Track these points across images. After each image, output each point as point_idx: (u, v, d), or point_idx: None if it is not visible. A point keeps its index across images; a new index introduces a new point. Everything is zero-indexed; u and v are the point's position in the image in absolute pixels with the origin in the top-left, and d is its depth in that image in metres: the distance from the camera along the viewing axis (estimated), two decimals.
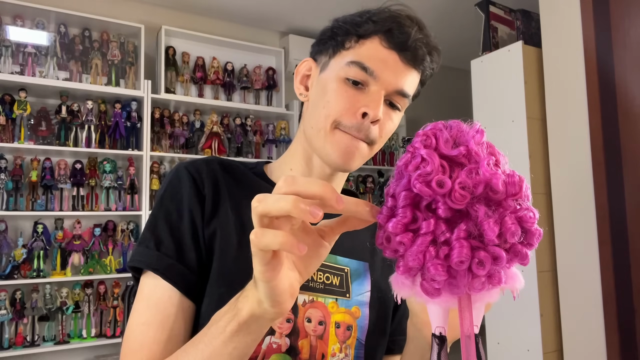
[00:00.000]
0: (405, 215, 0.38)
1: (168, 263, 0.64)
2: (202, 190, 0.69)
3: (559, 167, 2.35)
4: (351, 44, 0.69)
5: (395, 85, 0.68)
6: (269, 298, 0.44)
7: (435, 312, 0.42)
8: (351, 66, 0.67)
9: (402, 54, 0.68)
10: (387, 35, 0.67)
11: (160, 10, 3.39)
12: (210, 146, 3.30)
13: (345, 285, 0.73)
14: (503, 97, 2.53)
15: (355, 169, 0.71)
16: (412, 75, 0.70)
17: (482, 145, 0.39)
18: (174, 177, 0.71)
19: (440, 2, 3.42)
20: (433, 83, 0.77)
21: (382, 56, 0.67)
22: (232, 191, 0.71)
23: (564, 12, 2.35)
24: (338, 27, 0.72)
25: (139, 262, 0.66)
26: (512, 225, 0.37)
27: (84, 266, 2.85)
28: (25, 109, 2.76)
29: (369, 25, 0.68)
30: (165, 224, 0.67)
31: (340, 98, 0.67)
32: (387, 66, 0.67)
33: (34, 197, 2.78)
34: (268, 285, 0.43)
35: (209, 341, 0.51)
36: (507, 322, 2.44)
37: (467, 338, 0.40)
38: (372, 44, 0.68)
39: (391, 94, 0.69)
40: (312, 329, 0.69)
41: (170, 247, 0.65)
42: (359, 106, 0.66)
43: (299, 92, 0.77)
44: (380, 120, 0.68)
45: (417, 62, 0.69)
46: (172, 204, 0.68)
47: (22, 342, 2.64)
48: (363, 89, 0.68)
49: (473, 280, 0.38)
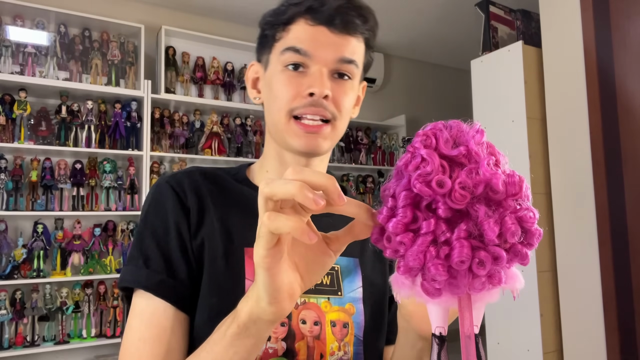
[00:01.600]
0: (405, 215, 0.38)
1: (158, 279, 0.64)
2: (186, 203, 0.69)
3: (559, 167, 2.35)
4: (281, 34, 0.70)
5: (334, 57, 0.68)
6: (266, 291, 0.44)
7: (435, 312, 0.42)
8: (285, 53, 0.68)
9: (330, 26, 0.67)
10: (310, 12, 0.67)
11: (160, 10, 3.39)
12: (210, 146, 3.30)
13: (337, 284, 0.73)
14: (503, 97, 2.53)
15: (326, 150, 0.72)
16: (349, 42, 0.69)
17: (482, 145, 0.39)
18: (157, 192, 0.70)
19: (440, 2, 3.42)
20: (433, 83, 0.77)
21: (311, 34, 0.67)
22: (216, 201, 0.71)
23: (564, 12, 2.35)
24: (265, 22, 0.72)
25: (129, 282, 0.65)
26: (512, 225, 0.37)
27: (84, 266, 2.85)
28: (25, 109, 2.76)
29: (290, 9, 0.69)
30: (152, 240, 0.66)
31: (284, 87, 0.68)
32: (319, 42, 0.67)
33: (34, 197, 2.78)
34: (268, 273, 0.43)
35: (211, 348, 0.51)
36: (507, 322, 2.44)
37: (467, 338, 0.40)
38: (298, 27, 0.68)
39: (335, 66, 0.68)
40: (308, 330, 0.68)
41: (159, 262, 0.65)
42: (304, 88, 0.67)
43: (253, 96, 0.78)
44: (331, 95, 0.67)
45: (348, 28, 0.68)
46: (157, 219, 0.68)
47: (22, 342, 2.64)
48: (305, 71, 0.68)
49: (473, 280, 0.38)
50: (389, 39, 4.10)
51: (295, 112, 0.68)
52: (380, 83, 4.22)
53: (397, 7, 3.48)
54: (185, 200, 0.69)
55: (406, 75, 4.55)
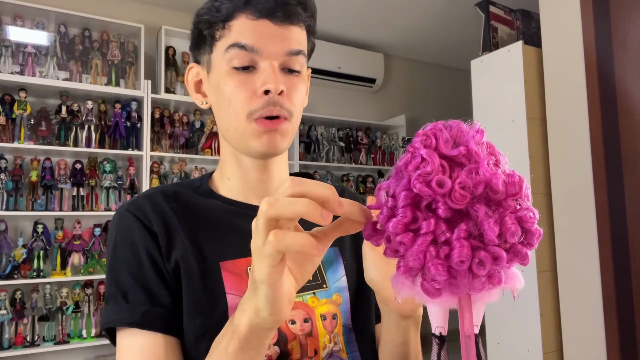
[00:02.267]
0: (405, 215, 0.38)
1: (142, 311, 0.61)
2: (152, 228, 0.66)
3: (559, 167, 2.35)
4: (221, 32, 0.67)
5: (282, 50, 0.65)
6: (269, 304, 0.44)
7: (435, 312, 0.42)
8: (230, 51, 0.65)
9: (272, 18, 0.65)
10: (250, 6, 0.65)
11: (160, 10, 3.39)
12: (210, 146, 3.30)
13: (320, 277, 0.72)
14: (503, 97, 2.53)
15: (285, 149, 0.70)
16: (293, 31, 0.67)
17: (482, 145, 0.39)
18: (120, 224, 0.68)
19: (440, 2, 3.42)
20: (433, 83, 0.77)
21: (254, 28, 0.65)
22: (182, 219, 0.69)
23: (564, 12, 2.35)
24: (200, 21, 0.69)
25: (112, 322, 0.62)
26: (512, 225, 0.37)
27: (84, 266, 2.85)
28: (25, 109, 2.76)
29: (225, 5, 0.66)
30: (126, 273, 0.64)
31: (236, 89, 0.66)
32: (264, 36, 0.65)
33: (34, 197, 2.78)
34: (272, 288, 0.43)
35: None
36: (507, 322, 2.44)
37: (467, 338, 0.40)
38: (240, 22, 0.65)
39: (283, 60, 0.66)
40: (299, 329, 0.68)
41: (139, 293, 0.63)
42: (258, 86, 0.64)
43: (199, 101, 0.75)
44: (285, 90, 0.65)
45: (291, 18, 0.66)
46: (127, 250, 0.66)
47: (22, 342, 2.64)
48: (255, 69, 0.66)
49: (473, 280, 0.38)
50: (389, 39, 4.10)
51: (255, 115, 0.65)
52: (380, 83, 4.22)
53: (397, 7, 3.48)
54: (150, 226, 0.67)
55: (406, 75, 4.55)
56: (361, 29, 3.88)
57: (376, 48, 4.24)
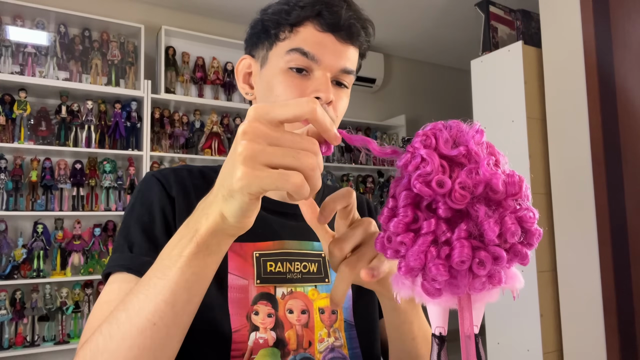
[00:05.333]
0: (406, 215, 0.38)
1: (143, 261, 0.61)
2: (171, 193, 0.69)
3: (559, 167, 2.35)
4: (285, 34, 0.70)
5: (338, 65, 0.69)
6: (242, 213, 0.42)
7: (435, 312, 0.42)
8: (291, 54, 0.68)
9: (337, 34, 0.69)
10: (319, 18, 0.68)
11: (160, 10, 3.39)
12: (210, 146, 3.30)
13: (324, 271, 0.74)
14: (503, 97, 2.53)
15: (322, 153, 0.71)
16: (351, 51, 0.71)
17: (482, 145, 0.39)
18: (143, 184, 0.71)
19: (440, 2, 3.42)
20: (433, 83, 0.77)
21: (319, 40, 0.68)
22: (201, 196, 0.69)
23: (564, 12, 2.35)
24: (268, 19, 0.72)
25: (112, 267, 0.63)
26: (512, 225, 0.37)
27: (84, 266, 2.85)
28: (25, 109, 2.76)
29: (298, 12, 0.69)
30: (137, 227, 0.66)
31: (288, 89, 0.68)
32: (326, 49, 0.68)
33: (34, 197, 2.78)
34: (250, 202, 0.41)
35: (163, 274, 0.47)
36: (507, 322, 2.44)
37: (467, 338, 0.40)
38: (306, 30, 0.69)
39: (336, 74, 0.70)
40: (296, 319, 0.69)
41: (144, 246, 0.64)
42: (309, 92, 0.67)
43: (245, 91, 0.77)
44: (333, 101, 0.69)
45: (353, 38, 0.70)
46: (143, 208, 0.68)
47: (22, 342, 2.64)
48: (308, 75, 0.69)
49: (473, 280, 0.38)
50: (389, 39, 4.10)
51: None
52: (380, 83, 4.22)
53: (397, 7, 3.48)
54: (170, 191, 0.69)
55: (406, 75, 4.55)
56: None
57: (376, 48, 4.24)
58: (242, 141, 0.39)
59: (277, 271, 0.70)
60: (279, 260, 0.71)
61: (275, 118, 0.40)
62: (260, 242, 0.71)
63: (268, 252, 0.71)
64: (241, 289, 0.67)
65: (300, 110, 0.40)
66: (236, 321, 0.65)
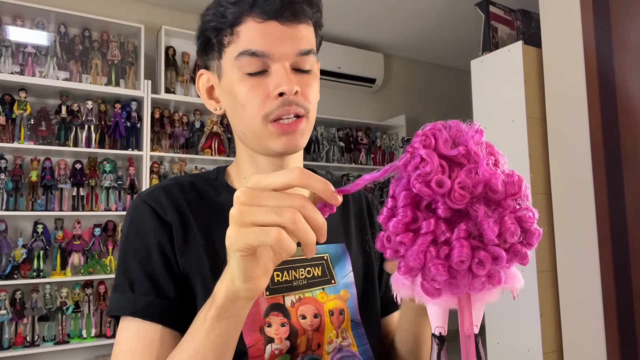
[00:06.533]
0: (406, 215, 0.38)
1: (146, 302, 0.62)
2: (166, 219, 0.67)
3: (559, 167, 2.35)
4: (229, 37, 0.66)
5: (292, 50, 0.65)
6: (242, 272, 0.45)
7: (435, 312, 0.42)
8: (241, 58, 0.64)
9: (279, 18, 0.64)
10: (255, 9, 0.64)
11: (160, 10, 3.39)
12: (210, 146, 3.30)
13: (329, 273, 0.74)
14: (503, 97, 2.53)
15: (303, 146, 0.70)
16: (302, 30, 0.66)
17: (481, 145, 0.39)
18: (135, 213, 0.69)
19: (440, 2, 3.42)
20: (433, 83, 0.77)
21: (263, 32, 0.64)
22: (197, 212, 0.70)
23: (564, 12, 2.35)
24: (207, 28, 0.68)
25: (117, 310, 0.64)
26: (512, 225, 0.37)
27: (84, 266, 2.85)
28: (25, 109, 2.76)
29: (232, 10, 0.65)
30: (135, 262, 0.65)
31: (251, 94, 0.65)
32: (273, 39, 0.64)
33: (34, 197, 2.78)
34: (243, 258, 0.44)
35: (192, 337, 0.52)
36: (507, 322, 2.44)
37: (467, 338, 0.40)
38: (247, 27, 0.64)
39: (294, 60, 0.66)
40: (309, 324, 0.69)
41: (145, 284, 0.64)
42: (272, 90, 0.64)
43: (212, 107, 0.75)
44: (299, 90, 0.65)
45: (298, 16, 0.65)
46: (138, 240, 0.67)
47: (22, 342, 2.64)
48: (267, 72, 0.65)
49: (473, 280, 0.38)
50: (389, 39, 4.10)
51: (270, 116, 0.65)
52: (380, 83, 4.22)
53: (397, 7, 3.48)
54: (165, 217, 0.68)
55: (406, 75, 4.55)
56: (361, 29, 3.88)
57: (376, 48, 4.24)
58: (236, 205, 0.43)
59: (284, 280, 0.70)
60: (284, 270, 0.70)
61: (268, 186, 0.44)
62: None
63: None
64: (252, 303, 0.68)
65: (287, 179, 0.43)
66: (250, 337, 0.65)
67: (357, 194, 0.85)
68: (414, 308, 0.66)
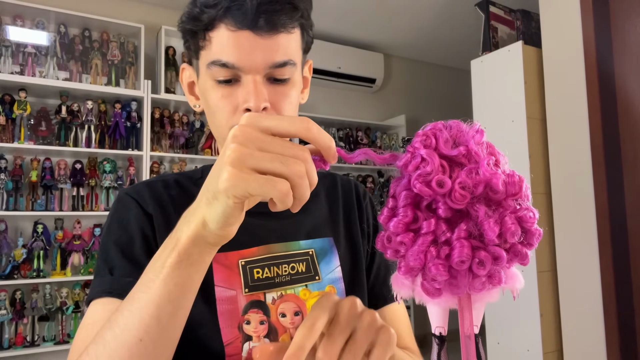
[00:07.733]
0: (406, 215, 0.38)
1: (125, 282, 0.59)
2: (148, 210, 0.67)
3: (559, 167, 2.35)
4: (203, 42, 0.63)
5: (265, 63, 0.61)
6: (224, 217, 0.41)
7: (435, 312, 0.42)
8: (212, 68, 0.62)
9: (254, 28, 0.60)
10: (229, 15, 0.60)
11: (160, 10, 3.39)
12: (210, 146, 3.30)
13: (313, 269, 0.72)
14: (503, 97, 2.53)
15: None
16: (279, 41, 0.61)
17: (482, 145, 0.39)
18: (118, 204, 0.69)
19: (440, 2, 3.42)
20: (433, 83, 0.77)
21: (235, 42, 0.60)
22: (180, 209, 0.67)
23: (564, 12, 2.35)
24: (183, 29, 0.66)
25: (94, 294, 0.61)
26: (512, 225, 0.37)
27: (84, 266, 2.85)
28: (25, 109, 2.76)
29: (205, 13, 0.61)
30: (116, 248, 0.64)
31: (221, 104, 0.63)
32: (244, 51, 0.60)
33: (34, 197, 2.78)
34: (236, 204, 0.40)
35: (146, 287, 0.45)
36: (507, 322, 2.44)
37: (467, 338, 0.40)
38: (219, 34, 0.61)
39: (268, 72, 0.62)
40: (290, 322, 0.68)
41: (126, 267, 0.62)
42: (240, 103, 0.62)
43: (192, 103, 0.73)
44: (269, 104, 0.62)
45: (276, 26, 0.61)
46: (120, 229, 0.66)
47: (22, 342, 2.64)
48: (238, 82, 0.63)
49: (473, 280, 0.38)
50: (389, 39, 4.10)
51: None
52: (380, 83, 4.22)
53: (397, 7, 3.48)
54: (146, 208, 0.67)
55: (406, 75, 4.55)
56: (361, 29, 3.88)
57: (376, 48, 4.24)
58: (232, 144, 0.39)
59: (265, 277, 0.68)
60: (265, 266, 0.69)
61: (268, 128, 0.39)
62: (244, 249, 0.69)
63: (253, 258, 0.69)
64: (230, 300, 0.66)
65: (292, 128, 0.39)
66: (227, 334, 0.64)
67: (347, 186, 0.83)
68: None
